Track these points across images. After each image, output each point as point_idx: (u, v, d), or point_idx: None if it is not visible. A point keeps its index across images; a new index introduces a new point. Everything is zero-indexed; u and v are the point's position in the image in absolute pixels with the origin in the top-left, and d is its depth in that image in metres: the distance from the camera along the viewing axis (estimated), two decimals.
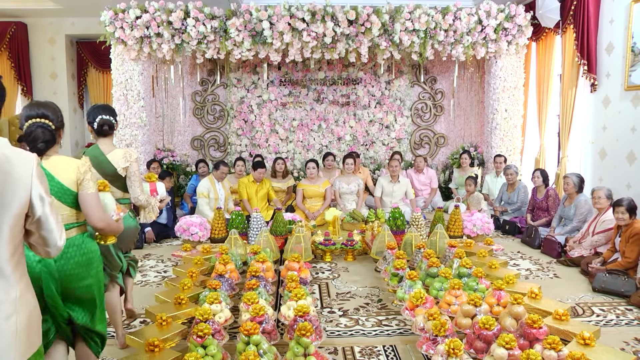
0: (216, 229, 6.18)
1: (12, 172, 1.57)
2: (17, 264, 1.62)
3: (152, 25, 7.34)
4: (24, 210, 1.61)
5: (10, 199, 1.56)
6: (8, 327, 1.56)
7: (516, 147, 8.49)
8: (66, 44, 10.11)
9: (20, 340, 1.60)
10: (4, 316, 1.55)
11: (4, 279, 1.56)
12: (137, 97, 8.04)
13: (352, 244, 5.65)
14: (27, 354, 1.64)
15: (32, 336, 1.66)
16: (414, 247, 5.25)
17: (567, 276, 5.13)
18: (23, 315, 1.61)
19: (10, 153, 1.60)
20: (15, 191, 1.58)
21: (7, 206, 1.56)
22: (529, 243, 6.31)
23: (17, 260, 1.62)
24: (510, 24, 7.68)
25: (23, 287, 1.63)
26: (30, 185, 1.61)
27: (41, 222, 1.67)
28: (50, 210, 1.69)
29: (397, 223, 5.94)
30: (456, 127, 9.83)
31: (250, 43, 7.42)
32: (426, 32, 7.50)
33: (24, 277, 1.66)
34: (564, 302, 4.37)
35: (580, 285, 4.86)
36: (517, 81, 8.31)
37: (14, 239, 1.59)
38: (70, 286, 2.34)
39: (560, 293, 4.63)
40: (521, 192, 7.28)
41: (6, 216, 1.56)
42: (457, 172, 8.93)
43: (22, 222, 1.63)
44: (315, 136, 9.64)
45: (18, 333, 1.59)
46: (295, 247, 5.30)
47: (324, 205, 7.43)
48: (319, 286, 4.83)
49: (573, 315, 4.09)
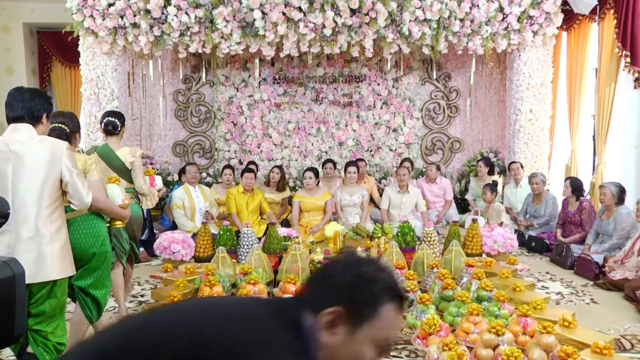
0: (201, 246, 6.15)
1: (49, 153, 2.82)
2: (57, 211, 2.86)
3: (128, 14, 7.34)
4: (58, 177, 2.83)
5: (49, 172, 2.80)
6: (47, 250, 2.79)
7: (543, 152, 8.47)
8: (24, 34, 9.93)
9: (57, 262, 2.82)
10: (45, 243, 2.78)
11: (45, 221, 2.79)
12: (110, 97, 8.05)
13: None
14: (62, 274, 2.85)
15: (64, 263, 2.87)
16: (426, 266, 5.23)
17: (607, 302, 5.00)
18: (57, 245, 2.84)
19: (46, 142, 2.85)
20: (52, 166, 2.81)
21: (47, 177, 2.80)
22: (560, 262, 6.25)
23: (57, 210, 2.86)
24: (536, 11, 7.64)
25: (59, 226, 2.87)
26: (61, 161, 2.83)
27: (70, 185, 2.86)
28: (77, 177, 2.88)
29: (406, 239, 5.92)
30: (473, 130, 9.84)
31: (239, 35, 7.44)
32: (439, 22, 7.52)
33: (62, 221, 2.92)
34: (604, 332, 4.16)
35: (624, 313, 4.68)
36: (544, 77, 8.29)
37: (53, 198, 2.83)
38: (79, 252, 3.32)
39: (600, 322, 4.44)
40: (549, 204, 7.25)
41: (47, 184, 2.80)
42: (474, 182, 8.91)
43: (59, 186, 2.86)
44: (314, 141, 9.65)
45: (54, 256, 2.81)
46: (291, 266, 5.27)
47: (323, 219, 7.41)
48: None
49: (618, 350, 3.85)
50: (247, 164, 8.74)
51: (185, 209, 6.97)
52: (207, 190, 7.34)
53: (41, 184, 2.78)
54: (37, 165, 2.77)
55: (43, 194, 2.78)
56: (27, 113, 2.86)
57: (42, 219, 2.78)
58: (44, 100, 2.93)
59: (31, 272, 2.66)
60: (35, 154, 2.78)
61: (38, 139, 2.83)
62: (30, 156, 2.77)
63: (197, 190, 7.12)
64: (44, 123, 2.95)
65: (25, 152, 2.77)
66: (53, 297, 2.85)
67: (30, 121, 2.87)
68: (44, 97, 2.96)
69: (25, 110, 2.86)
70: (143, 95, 9.31)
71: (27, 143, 2.79)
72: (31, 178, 2.76)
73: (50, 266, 2.78)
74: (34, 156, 2.77)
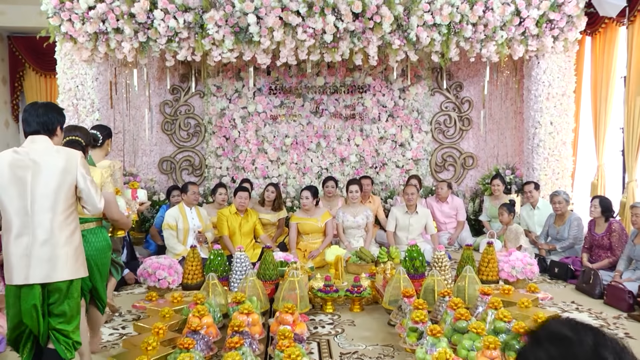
0: (190, 272, 6.12)
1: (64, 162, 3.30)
2: (71, 216, 3.34)
3: (110, 18, 7.36)
4: (73, 183, 3.31)
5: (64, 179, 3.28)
6: (61, 252, 3.25)
7: (566, 169, 8.48)
8: None
9: (70, 263, 3.29)
10: (60, 245, 3.25)
11: (60, 225, 3.26)
12: (90, 109, 8.08)
13: (360, 291, 5.59)
14: (74, 275, 3.33)
15: (77, 265, 3.35)
16: (437, 294, 5.21)
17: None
18: (71, 246, 3.30)
19: (63, 151, 3.36)
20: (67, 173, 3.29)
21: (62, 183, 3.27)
22: (587, 291, 6.19)
23: (71, 215, 3.34)
24: (557, 14, 7.67)
25: (73, 230, 3.35)
26: (76, 169, 3.32)
27: (84, 191, 3.35)
28: (90, 184, 3.37)
29: (415, 264, 5.90)
30: (488, 144, 9.86)
31: (232, 42, 7.48)
32: (450, 26, 7.56)
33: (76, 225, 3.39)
34: None
35: None
36: (565, 86, 8.32)
37: (68, 204, 3.31)
38: (93, 263, 3.97)
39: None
40: (574, 226, 7.22)
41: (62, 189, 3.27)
42: (489, 201, 8.90)
43: (74, 193, 3.34)
44: (313, 157, 9.66)
45: (68, 258, 3.27)
46: (288, 295, 5.24)
47: (324, 242, 7.39)
48: (319, 344, 4.77)
49: None
50: (240, 183, 8.74)
51: (178, 231, 6.94)
52: (204, 213, 7.30)
53: (57, 191, 3.26)
54: (53, 173, 3.26)
55: (58, 200, 3.26)
56: (42, 127, 3.38)
57: (57, 223, 3.25)
58: (57, 114, 3.48)
59: (47, 273, 3.21)
60: (53, 162, 3.28)
61: (55, 149, 3.35)
62: (47, 165, 3.26)
63: (194, 212, 7.09)
64: (58, 135, 3.50)
65: (43, 161, 3.27)
66: (70, 298, 3.35)
67: (45, 134, 3.39)
68: (57, 111, 3.51)
69: (40, 125, 3.38)
70: (127, 107, 9.34)
71: (45, 153, 3.30)
72: (48, 185, 3.24)
73: (64, 267, 3.26)
74: (50, 165, 3.27)
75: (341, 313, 5.59)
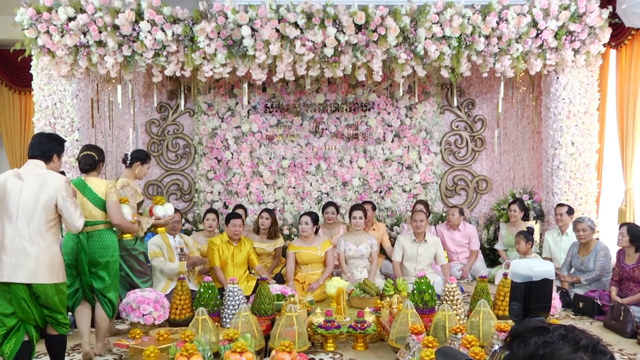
0: (177, 307, 6.11)
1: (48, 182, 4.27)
2: (50, 230, 4.28)
3: (92, 30, 7.43)
4: (53, 202, 4.25)
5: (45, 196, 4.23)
6: (41, 259, 4.17)
7: (590, 193, 8.47)
8: None
9: (45, 269, 4.19)
10: (38, 252, 4.16)
11: (40, 235, 4.20)
12: (69, 128, 8.12)
13: (363, 327, 5.58)
14: (50, 280, 4.22)
15: (54, 271, 4.25)
16: (449, 331, 5.18)
17: None
18: (47, 256, 4.21)
19: (48, 174, 4.35)
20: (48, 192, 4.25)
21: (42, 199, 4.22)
22: (617, 328, 6.14)
23: (50, 229, 4.28)
24: (577, 25, 7.71)
25: (50, 242, 4.27)
26: (57, 190, 4.26)
27: (62, 210, 4.29)
28: (69, 204, 4.31)
29: (424, 298, 5.88)
30: (503, 167, 9.88)
31: (225, 56, 7.53)
32: (460, 39, 7.62)
33: (54, 239, 4.33)
34: None
35: None
36: (588, 103, 8.33)
37: (48, 218, 4.24)
38: (94, 260, 5.09)
39: None
40: (600, 256, 7.17)
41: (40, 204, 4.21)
42: (505, 229, 8.90)
43: (54, 208, 4.27)
44: (313, 180, 9.68)
45: (43, 265, 4.18)
46: (285, 331, 5.22)
47: (324, 273, 7.37)
48: None
49: None
50: (233, 209, 8.70)
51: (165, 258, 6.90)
52: (189, 241, 7.31)
53: (36, 205, 4.21)
54: (37, 190, 4.23)
55: (40, 214, 4.22)
56: (40, 153, 4.45)
57: (38, 234, 4.21)
58: (57, 144, 4.58)
59: (29, 275, 4.16)
60: (40, 182, 4.27)
61: (45, 172, 4.36)
62: (34, 184, 4.25)
63: (177, 240, 7.07)
64: (54, 161, 4.54)
65: (32, 180, 4.26)
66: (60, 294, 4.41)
67: (42, 159, 4.45)
68: (57, 141, 4.62)
69: (40, 151, 4.45)
70: (109, 127, 9.36)
71: (36, 173, 4.31)
72: (30, 199, 4.20)
73: (41, 272, 4.19)
74: (38, 184, 4.26)
75: (343, 351, 5.57)
